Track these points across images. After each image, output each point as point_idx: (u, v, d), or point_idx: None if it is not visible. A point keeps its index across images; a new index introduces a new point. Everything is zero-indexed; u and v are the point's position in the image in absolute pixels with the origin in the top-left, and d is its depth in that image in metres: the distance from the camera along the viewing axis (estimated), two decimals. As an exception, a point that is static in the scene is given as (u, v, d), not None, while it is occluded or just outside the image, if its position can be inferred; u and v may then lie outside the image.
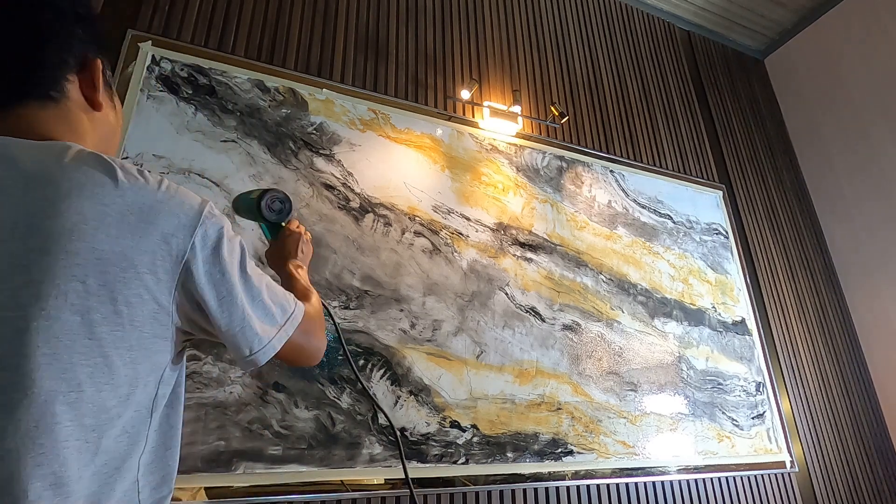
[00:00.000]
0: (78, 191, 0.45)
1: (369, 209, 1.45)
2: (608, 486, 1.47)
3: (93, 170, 0.47)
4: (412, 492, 0.89)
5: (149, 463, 0.51)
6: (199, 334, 0.56)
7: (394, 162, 1.54)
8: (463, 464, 1.31)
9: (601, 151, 1.97)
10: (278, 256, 0.85)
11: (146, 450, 0.51)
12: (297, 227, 0.89)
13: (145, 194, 0.50)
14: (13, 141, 0.47)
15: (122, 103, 1.25)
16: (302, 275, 0.80)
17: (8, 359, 0.42)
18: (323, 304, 0.79)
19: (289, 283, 0.76)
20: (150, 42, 1.33)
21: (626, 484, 1.50)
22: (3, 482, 0.40)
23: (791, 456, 1.81)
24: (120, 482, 0.48)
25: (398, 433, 0.86)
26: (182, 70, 1.35)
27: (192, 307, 0.52)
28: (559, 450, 1.44)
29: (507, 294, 1.55)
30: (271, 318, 0.59)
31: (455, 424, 1.34)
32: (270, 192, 0.85)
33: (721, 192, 2.22)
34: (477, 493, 1.31)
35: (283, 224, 0.88)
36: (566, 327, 1.61)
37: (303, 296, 0.71)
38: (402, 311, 1.38)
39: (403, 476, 1.20)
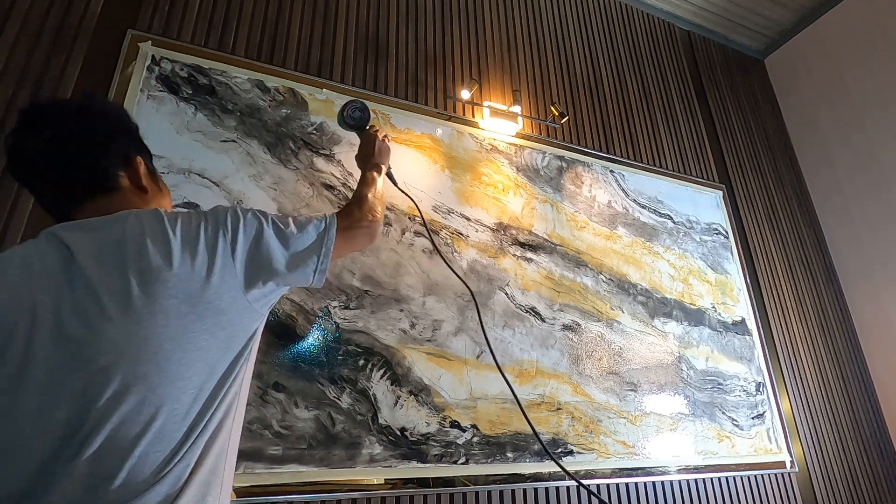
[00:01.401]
0: (146, 240, 0.65)
1: (369, 209, 1.45)
2: (608, 486, 1.47)
3: (151, 221, 0.67)
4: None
5: None
6: (274, 292, 0.77)
7: (394, 162, 1.54)
8: (463, 464, 1.31)
9: (601, 151, 1.97)
10: (360, 157, 1.17)
11: None
12: (374, 130, 1.20)
13: (188, 227, 0.70)
14: (92, 220, 0.67)
15: (122, 103, 1.25)
16: (372, 177, 1.06)
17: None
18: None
19: (361, 182, 1.05)
20: (150, 42, 1.33)
21: (626, 484, 1.50)
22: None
23: (791, 456, 1.81)
24: None
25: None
26: (182, 70, 1.35)
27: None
28: (559, 450, 1.44)
29: (507, 294, 1.55)
30: (310, 239, 0.80)
31: (455, 424, 1.34)
32: (350, 104, 1.11)
33: (721, 192, 2.22)
34: (477, 493, 1.31)
35: (365, 129, 1.17)
36: (566, 327, 1.61)
37: (356, 196, 0.98)
38: (402, 311, 1.38)
39: (394, 477, 1.20)
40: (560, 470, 1.41)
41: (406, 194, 1.33)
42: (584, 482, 1.44)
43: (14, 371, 0.56)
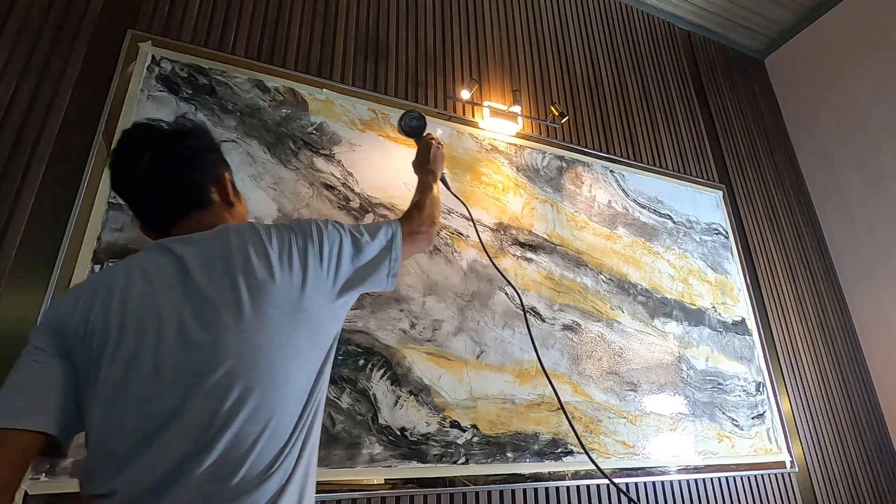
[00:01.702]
0: (249, 251, 0.72)
1: (369, 209, 1.45)
2: (608, 486, 1.47)
3: (251, 234, 0.75)
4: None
5: None
6: (351, 295, 0.83)
7: (394, 162, 1.54)
8: (463, 464, 1.31)
9: (601, 151, 1.97)
10: (417, 164, 1.25)
11: None
12: (430, 138, 1.29)
13: (281, 238, 0.77)
14: (197, 234, 0.74)
15: (122, 103, 1.25)
16: (429, 183, 1.16)
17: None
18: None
19: (418, 186, 1.16)
20: (150, 42, 1.33)
21: (627, 484, 1.50)
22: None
23: (791, 456, 1.81)
24: None
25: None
26: (182, 70, 1.35)
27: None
28: (559, 450, 1.44)
29: (507, 294, 1.55)
30: (381, 246, 0.86)
31: (455, 424, 1.34)
32: (407, 114, 1.24)
33: (721, 192, 2.22)
34: (477, 493, 1.31)
35: (422, 137, 1.28)
36: (566, 327, 1.61)
37: (415, 203, 1.06)
38: (402, 311, 1.38)
39: (394, 477, 1.20)
40: (560, 470, 1.42)
41: (459, 199, 1.40)
42: (585, 482, 1.44)
43: (148, 372, 0.62)
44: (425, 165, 1.23)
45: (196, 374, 0.62)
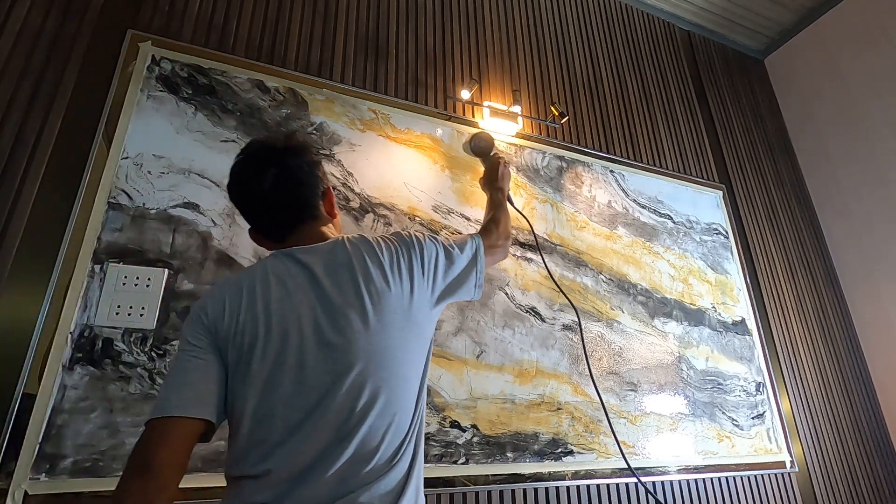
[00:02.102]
0: (367, 262, 0.81)
1: (369, 209, 1.45)
2: (608, 486, 1.47)
3: (366, 247, 0.83)
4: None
5: None
6: (444, 303, 0.91)
7: (394, 162, 1.54)
8: (463, 464, 1.31)
9: (601, 151, 1.97)
10: (486, 181, 1.35)
11: None
12: (497, 157, 1.39)
13: (391, 249, 0.86)
14: (317, 245, 0.83)
15: (122, 103, 1.25)
16: (499, 199, 1.25)
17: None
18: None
19: (490, 203, 1.24)
20: (150, 42, 1.33)
21: (626, 484, 1.50)
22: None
23: (791, 456, 1.81)
24: None
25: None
26: (182, 70, 1.35)
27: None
28: (559, 450, 1.44)
29: (506, 294, 1.55)
30: (468, 260, 0.95)
31: (455, 424, 1.34)
32: (477, 136, 1.33)
33: (721, 192, 2.22)
34: (477, 493, 1.31)
35: (490, 155, 1.38)
36: (566, 327, 1.61)
37: (491, 218, 1.15)
38: (402, 311, 1.38)
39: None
40: (560, 470, 1.42)
41: (522, 215, 1.51)
42: (585, 482, 1.44)
43: (294, 368, 0.71)
44: (494, 183, 1.31)
45: (334, 372, 0.71)
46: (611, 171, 1.95)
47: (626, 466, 1.51)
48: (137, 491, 0.62)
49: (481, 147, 1.43)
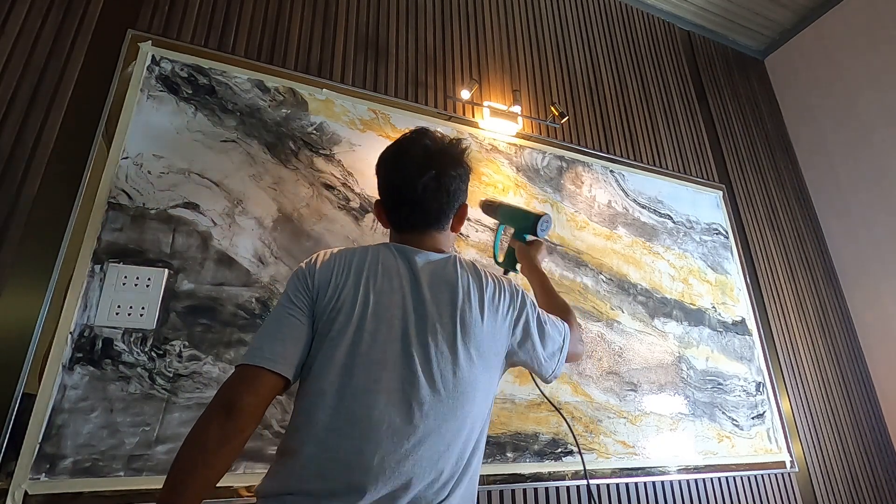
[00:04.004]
0: (470, 289, 0.81)
1: (369, 209, 1.45)
2: (608, 486, 1.47)
3: (474, 274, 0.85)
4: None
5: None
6: (509, 366, 0.88)
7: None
8: (463, 464, 1.30)
9: (601, 151, 1.97)
10: (531, 258, 1.16)
11: None
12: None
13: (491, 281, 0.85)
14: (431, 254, 0.85)
15: (122, 103, 1.25)
16: (546, 279, 1.13)
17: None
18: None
19: (546, 285, 1.10)
20: (150, 42, 1.33)
21: (626, 484, 1.50)
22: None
23: (791, 456, 1.81)
24: None
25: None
26: (182, 70, 1.35)
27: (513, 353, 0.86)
28: (559, 450, 1.44)
29: (507, 294, 1.55)
30: (556, 344, 0.90)
31: (455, 424, 1.34)
32: (545, 217, 1.13)
33: (721, 192, 2.22)
34: (477, 494, 1.31)
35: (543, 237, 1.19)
36: (566, 327, 1.60)
37: (559, 305, 1.04)
38: (402, 311, 1.38)
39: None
40: (560, 470, 1.41)
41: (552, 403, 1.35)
42: (583, 482, 1.44)
43: (377, 362, 0.73)
44: (540, 262, 1.16)
45: (408, 382, 0.72)
46: (611, 171, 1.95)
47: (626, 467, 1.51)
48: (219, 427, 0.65)
49: (543, 230, 1.15)
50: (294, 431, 0.72)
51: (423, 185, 0.84)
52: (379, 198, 0.91)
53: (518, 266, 1.19)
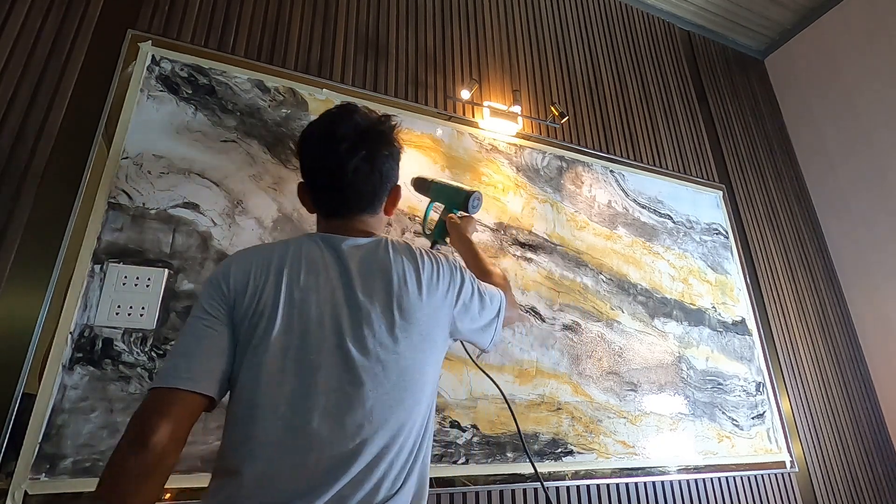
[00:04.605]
0: (405, 272, 0.77)
1: (369, 209, 1.45)
2: (608, 486, 1.47)
3: (408, 256, 0.80)
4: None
5: None
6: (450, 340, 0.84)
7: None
8: (463, 464, 1.31)
9: (601, 151, 1.97)
10: (461, 230, 1.13)
11: None
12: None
13: (428, 260, 0.81)
14: (360, 240, 0.79)
15: (122, 103, 1.25)
16: (477, 248, 1.10)
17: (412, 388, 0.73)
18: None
19: (477, 253, 1.07)
20: (150, 42, 1.33)
21: (626, 484, 1.50)
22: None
23: (791, 456, 1.81)
24: None
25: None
26: (182, 70, 1.35)
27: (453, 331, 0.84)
28: (559, 450, 1.44)
29: (507, 294, 1.55)
30: (492, 312, 0.89)
31: (455, 424, 1.34)
32: (476, 193, 1.14)
33: (721, 192, 2.22)
34: (477, 493, 1.31)
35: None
36: (566, 327, 1.61)
37: (491, 271, 1.01)
38: (402, 311, 1.38)
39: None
40: (560, 470, 1.41)
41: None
42: (585, 482, 1.44)
43: (306, 377, 0.67)
44: (470, 237, 1.13)
45: (347, 381, 0.68)
46: (611, 171, 1.95)
47: (626, 467, 1.51)
48: (136, 464, 0.59)
49: (474, 207, 1.16)
50: (230, 449, 0.66)
51: (354, 167, 0.78)
52: (302, 180, 0.84)
53: (447, 239, 1.17)
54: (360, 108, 0.85)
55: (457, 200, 1.16)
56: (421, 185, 1.27)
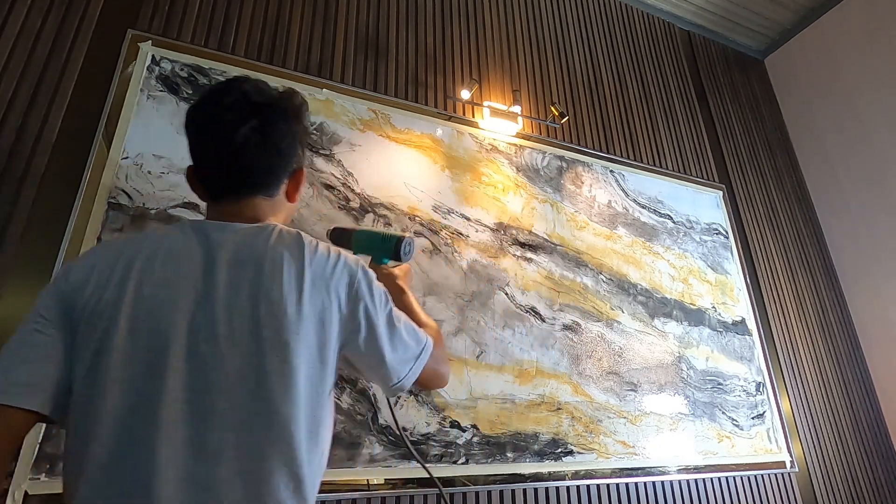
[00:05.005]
0: (288, 263, 0.64)
1: (369, 209, 1.45)
2: (608, 486, 1.47)
3: (294, 247, 0.66)
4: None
5: None
6: (346, 368, 0.71)
7: (394, 162, 1.54)
8: (463, 464, 1.31)
9: (601, 151, 1.97)
10: (394, 282, 0.90)
11: None
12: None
13: (325, 260, 0.67)
14: (242, 226, 0.68)
15: (123, 103, 1.25)
16: (415, 300, 0.89)
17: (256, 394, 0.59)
18: None
19: (411, 307, 0.85)
20: (150, 42, 1.33)
21: (626, 484, 1.50)
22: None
23: (791, 456, 1.81)
24: None
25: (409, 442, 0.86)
26: (182, 70, 1.35)
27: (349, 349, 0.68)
28: (559, 450, 1.44)
29: (506, 294, 1.55)
30: (411, 351, 0.71)
31: (455, 424, 1.34)
32: (408, 239, 0.95)
33: (721, 192, 2.22)
34: (477, 493, 1.31)
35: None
36: (566, 327, 1.61)
37: (426, 323, 0.82)
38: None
39: (394, 477, 1.21)
40: (560, 470, 1.41)
41: None
42: (585, 482, 1.44)
43: (151, 386, 0.57)
44: (406, 287, 0.93)
45: (197, 390, 0.58)
46: (611, 171, 1.95)
47: (626, 467, 1.51)
48: None
49: (407, 253, 0.97)
50: (70, 464, 0.57)
51: (242, 136, 0.67)
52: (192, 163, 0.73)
53: None
54: (256, 81, 0.72)
55: (386, 248, 0.96)
56: (340, 236, 1.04)
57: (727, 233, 2.14)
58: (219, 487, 0.55)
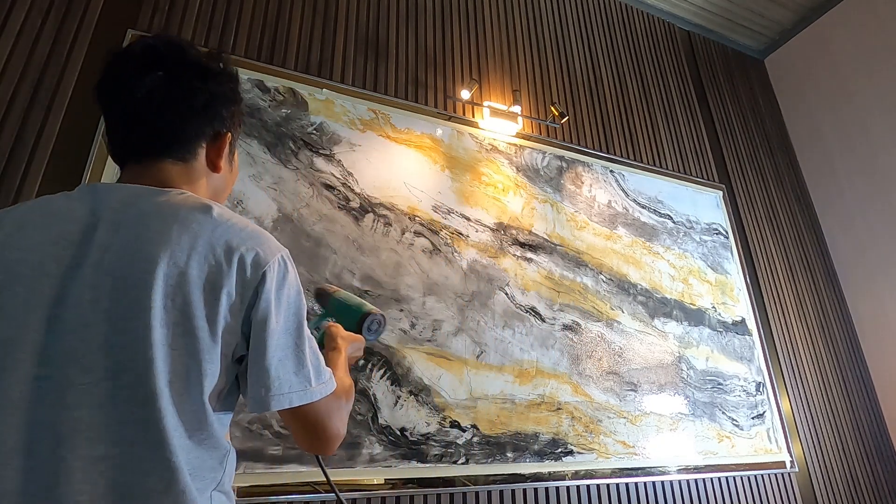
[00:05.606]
0: (180, 224, 0.54)
1: (369, 209, 1.45)
2: (608, 486, 1.47)
3: (194, 209, 0.56)
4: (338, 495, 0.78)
5: None
6: (229, 357, 0.56)
7: (394, 162, 1.54)
8: (463, 464, 1.31)
9: (601, 151, 1.97)
10: (337, 338, 0.79)
11: None
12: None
13: (232, 232, 0.56)
14: (139, 188, 0.58)
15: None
16: (345, 362, 0.75)
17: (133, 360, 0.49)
18: None
19: (336, 360, 0.73)
20: (150, 42, 1.33)
21: (626, 484, 1.50)
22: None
23: (791, 456, 1.81)
24: None
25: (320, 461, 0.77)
26: (182, 70, 1.35)
27: (240, 333, 0.55)
28: (559, 450, 1.44)
29: (507, 294, 1.55)
30: (304, 373, 0.57)
31: (455, 424, 1.34)
32: (375, 316, 0.86)
33: (721, 192, 2.22)
34: (477, 493, 1.31)
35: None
36: (566, 327, 1.61)
37: (342, 378, 0.67)
38: (402, 311, 1.38)
39: (394, 477, 1.21)
40: (560, 470, 1.41)
41: None
42: (585, 482, 1.44)
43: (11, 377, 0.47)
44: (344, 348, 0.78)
45: (51, 364, 0.49)
46: (611, 171, 1.95)
47: (626, 467, 1.51)
48: None
49: (374, 331, 0.90)
50: None
51: (146, 87, 0.59)
52: None
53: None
54: (175, 37, 0.65)
55: (350, 318, 0.87)
56: (320, 296, 0.98)
57: (727, 233, 2.14)
58: (72, 475, 0.46)
